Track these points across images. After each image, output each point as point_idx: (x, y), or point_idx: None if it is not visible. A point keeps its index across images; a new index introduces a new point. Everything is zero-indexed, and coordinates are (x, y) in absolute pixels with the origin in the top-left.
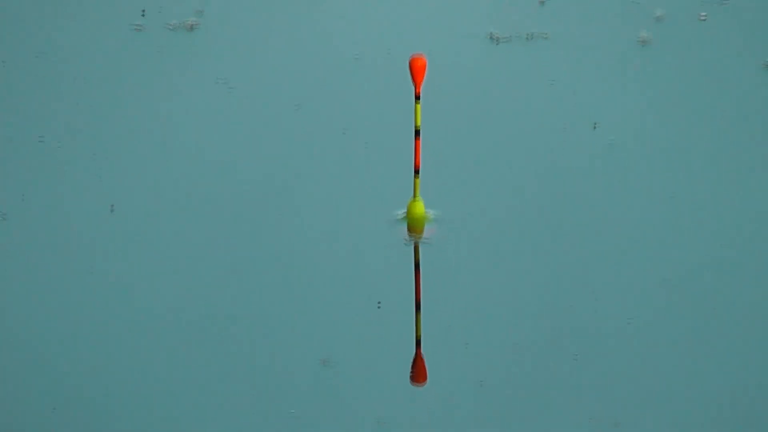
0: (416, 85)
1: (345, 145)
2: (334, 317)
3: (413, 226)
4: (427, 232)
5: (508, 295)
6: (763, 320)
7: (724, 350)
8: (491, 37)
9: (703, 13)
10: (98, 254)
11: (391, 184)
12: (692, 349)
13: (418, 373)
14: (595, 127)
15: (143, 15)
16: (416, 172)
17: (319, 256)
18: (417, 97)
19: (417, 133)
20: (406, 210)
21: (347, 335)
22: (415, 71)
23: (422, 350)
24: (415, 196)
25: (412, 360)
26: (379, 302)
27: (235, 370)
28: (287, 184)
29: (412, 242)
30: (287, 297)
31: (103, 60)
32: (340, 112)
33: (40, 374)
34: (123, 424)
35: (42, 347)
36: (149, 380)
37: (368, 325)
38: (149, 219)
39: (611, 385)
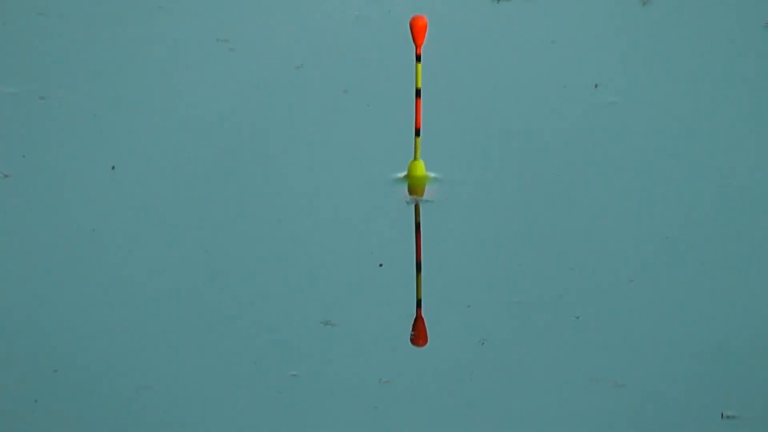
0: (417, 46)
1: (346, 105)
2: (336, 278)
3: (414, 187)
4: (428, 192)
5: (510, 255)
6: (766, 279)
7: (728, 309)
8: None
9: None
10: (99, 214)
11: (392, 144)
12: (695, 309)
13: (418, 334)
14: (596, 87)
15: None
16: (417, 132)
17: (320, 217)
18: (418, 58)
19: (418, 93)
20: (406, 171)
21: (349, 296)
22: (415, 31)
23: (423, 311)
24: (415, 156)
25: (412, 321)
26: (380, 263)
27: (236, 331)
28: (288, 144)
29: (413, 203)
30: (288, 258)
31: (104, 19)
32: (340, 72)
33: (40, 334)
34: (122, 384)
35: (42, 304)
36: (148, 340)
37: (370, 285)
38: (150, 179)
39: (613, 345)
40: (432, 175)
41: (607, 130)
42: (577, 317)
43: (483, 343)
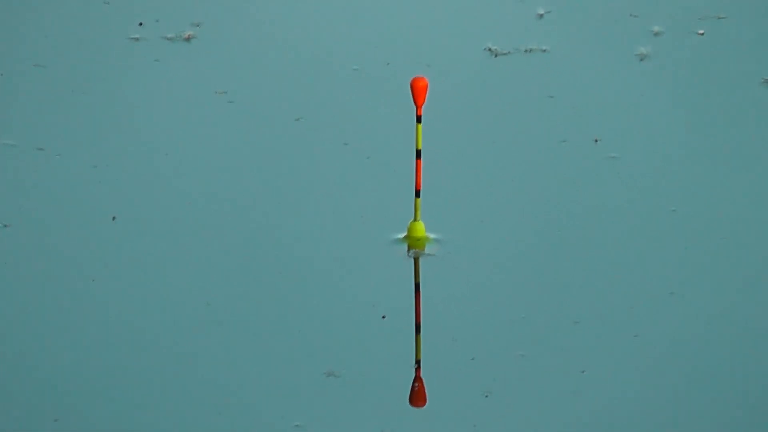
0: (417, 107)
1: (346, 158)
2: (339, 330)
3: (414, 248)
4: (428, 251)
5: (514, 309)
6: None
7: (732, 361)
8: (490, 51)
9: (701, 31)
10: (100, 263)
11: (392, 195)
12: (700, 362)
13: (417, 395)
14: (596, 142)
15: (141, 26)
16: (417, 193)
17: (321, 269)
18: (418, 119)
19: (418, 154)
20: (406, 231)
21: (352, 348)
22: (416, 92)
23: (427, 363)
24: (416, 217)
25: (411, 382)
26: (383, 315)
27: (240, 381)
28: (288, 196)
29: (414, 256)
30: (291, 310)
31: (101, 70)
32: (340, 124)
33: (41, 382)
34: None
35: (43, 356)
36: (149, 391)
37: (373, 337)
38: (151, 229)
39: (618, 400)
40: (432, 236)
41: (607, 184)
42: (583, 371)
43: (487, 396)
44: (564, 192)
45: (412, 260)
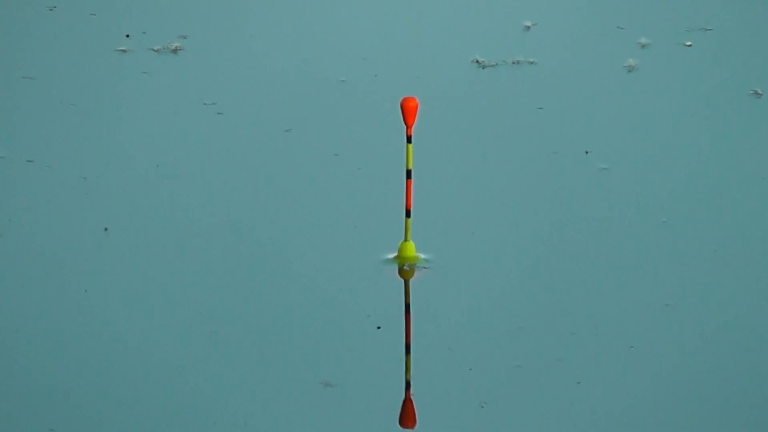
0: (408, 127)
1: (337, 168)
2: (335, 340)
3: (406, 265)
4: (420, 269)
5: (511, 319)
6: (764, 343)
7: (728, 370)
8: (477, 63)
9: (688, 42)
10: (92, 275)
11: (384, 204)
12: (696, 373)
13: (407, 416)
14: (587, 153)
15: (128, 37)
16: (407, 213)
17: (314, 279)
18: (408, 139)
19: (408, 174)
20: (397, 252)
21: (348, 358)
22: (406, 113)
23: (424, 374)
24: (406, 238)
25: (401, 403)
26: (378, 326)
27: (236, 389)
28: (279, 207)
29: (406, 272)
30: (286, 319)
31: (89, 82)
32: (330, 135)
33: (36, 394)
34: None
35: (37, 367)
36: (144, 401)
37: (369, 347)
38: (142, 240)
39: (614, 410)
40: (422, 255)
41: (598, 195)
42: (578, 382)
43: (483, 407)
44: (555, 204)
45: (403, 280)
